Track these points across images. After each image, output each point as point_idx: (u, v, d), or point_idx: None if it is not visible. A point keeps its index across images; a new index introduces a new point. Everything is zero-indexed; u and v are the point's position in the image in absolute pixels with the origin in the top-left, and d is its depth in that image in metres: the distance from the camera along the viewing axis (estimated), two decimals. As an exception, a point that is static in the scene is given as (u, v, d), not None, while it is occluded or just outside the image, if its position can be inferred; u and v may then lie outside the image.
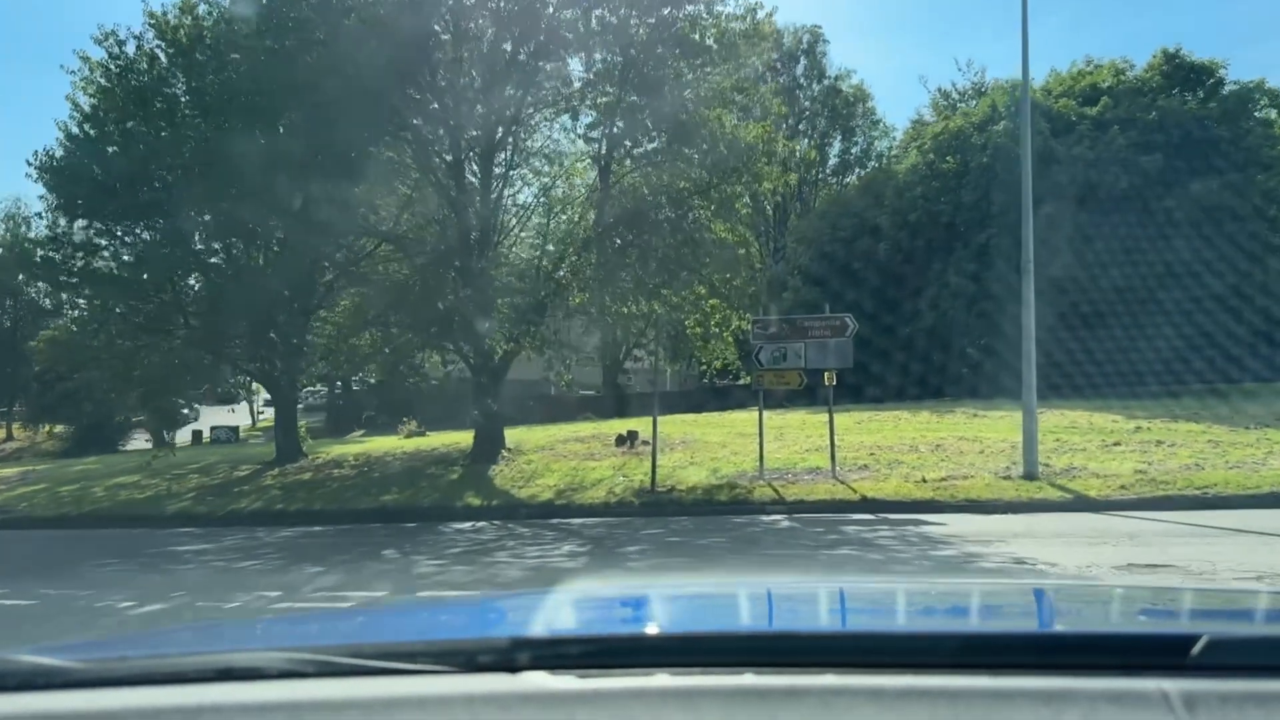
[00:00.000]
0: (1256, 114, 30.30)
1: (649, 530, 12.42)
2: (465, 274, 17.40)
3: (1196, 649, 1.26)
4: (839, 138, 55.03)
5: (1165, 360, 26.66)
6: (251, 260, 21.61)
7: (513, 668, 1.32)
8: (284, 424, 23.61)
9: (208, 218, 20.76)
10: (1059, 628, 1.87)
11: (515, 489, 16.28)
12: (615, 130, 17.44)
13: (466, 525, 13.81)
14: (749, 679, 1.27)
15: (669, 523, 13.14)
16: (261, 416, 56.13)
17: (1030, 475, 14.64)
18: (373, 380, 30.28)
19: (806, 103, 54.02)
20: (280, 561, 10.21)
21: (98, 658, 1.58)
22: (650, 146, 18.23)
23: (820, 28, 54.16)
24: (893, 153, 49.93)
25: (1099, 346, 26.53)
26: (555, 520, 14.01)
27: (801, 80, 54.12)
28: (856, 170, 54.09)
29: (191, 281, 22.51)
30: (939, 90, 53.13)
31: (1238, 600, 2.50)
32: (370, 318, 19.23)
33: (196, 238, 21.80)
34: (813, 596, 2.30)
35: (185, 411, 53.05)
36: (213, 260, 22.35)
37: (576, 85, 17.72)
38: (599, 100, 17.48)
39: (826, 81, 54.44)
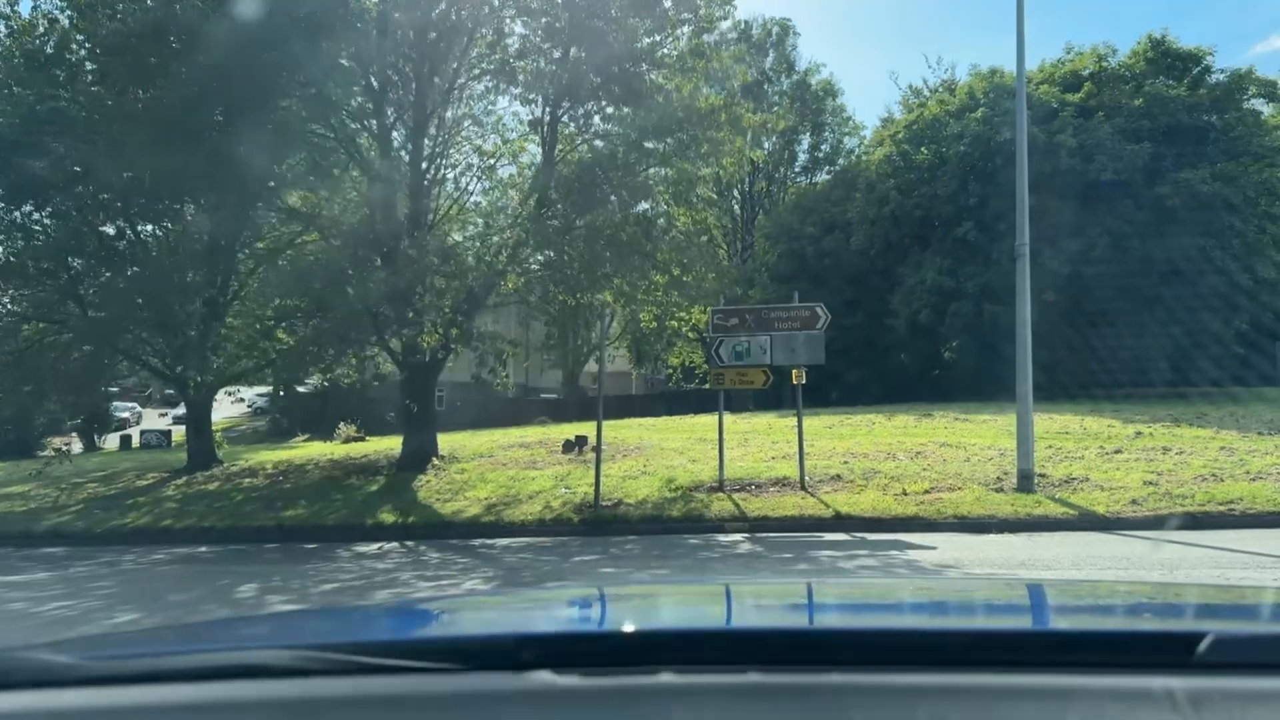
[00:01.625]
0: (1245, 104, 28.84)
1: (584, 555, 10.39)
2: (390, 259, 15.23)
3: (1202, 647, 1.25)
4: (808, 133, 53.28)
5: (1155, 362, 25.13)
6: (153, 241, 19.32)
7: (518, 666, 1.30)
8: (195, 428, 21.31)
9: (106, 196, 18.48)
10: (1064, 626, 1.83)
11: (439, 503, 14.16)
12: (559, 91, 15.32)
13: (371, 548, 11.70)
14: (753, 678, 1.26)
15: (610, 545, 11.13)
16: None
17: (1026, 487, 12.83)
18: (291, 385, 27.71)
19: (775, 97, 52.29)
20: (99, 602, 8.06)
21: (106, 655, 1.56)
22: (597, 114, 16.17)
23: (790, 20, 52.57)
24: (863, 148, 48.31)
25: (1085, 346, 24.88)
26: (478, 541, 11.94)
27: (770, 73, 52.36)
28: (826, 168, 52.43)
29: (91, 265, 20.10)
30: (909, 87, 51.55)
31: (1243, 598, 2.33)
32: (275, 309, 16.96)
33: (99, 216, 19.54)
34: (816, 595, 2.28)
35: (125, 415, 50.28)
36: (119, 244, 20.09)
37: (515, 45, 15.62)
38: (538, 60, 15.38)
39: (795, 75, 52.77)
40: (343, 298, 13.93)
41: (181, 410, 47.29)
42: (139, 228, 19.95)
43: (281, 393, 44.97)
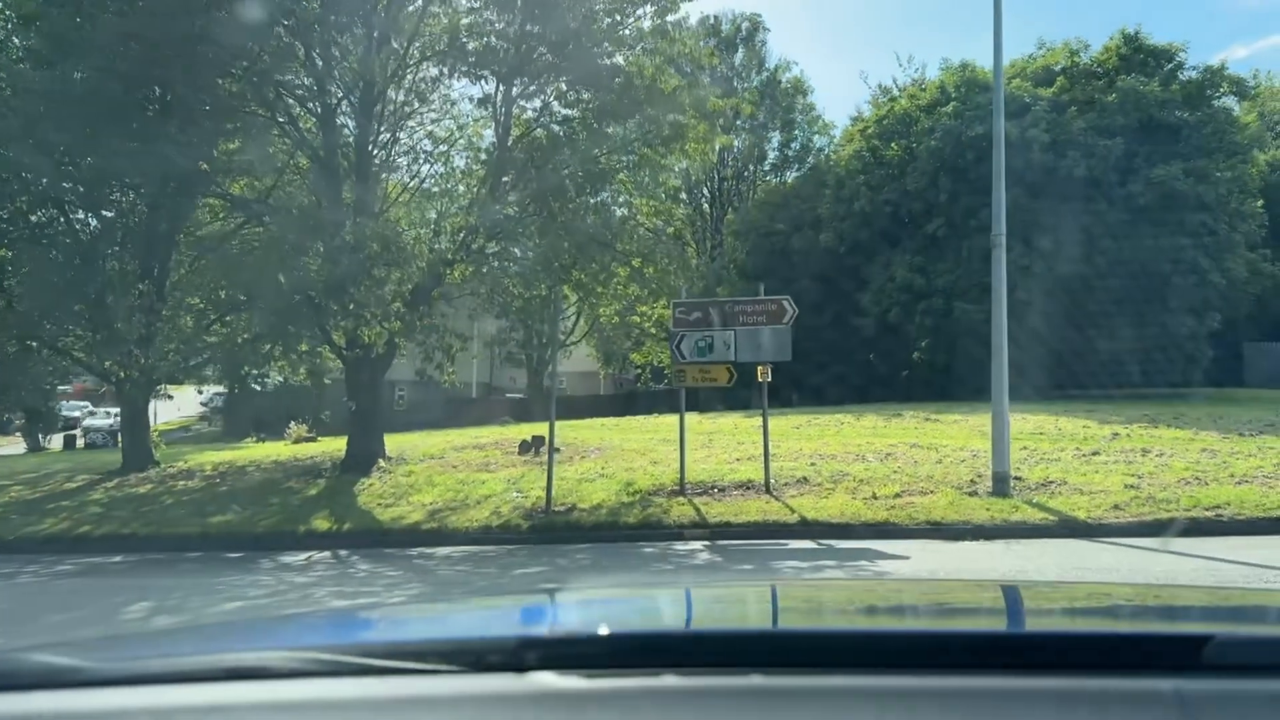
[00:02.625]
0: (1216, 102, 28.55)
1: (528, 568, 9.53)
2: (332, 249, 14.24)
3: (1207, 649, 1.24)
4: (778, 131, 52.66)
5: (1128, 361, 24.70)
6: (84, 229, 18.16)
7: (520, 668, 1.30)
8: (131, 427, 20.15)
9: (29, 177, 17.33)
10: (1068, 628, 1.80)
11: (380, 509, 13.22)
12: (511, 68, 14.40)
13: (299, 558, 10.77)
14: (756, 680, 1.26)
15: (558, 556, 10.28)
16: (164, 419, 50.89)
17: (1002, 491, 12.12)
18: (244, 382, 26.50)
19: (744, 94, 51.61)
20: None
21: (109, 657, 1.57)
22: (556, 98, 15.29)
23: (760, 16, 51.91)
24: (833, 146, 47.79)
25: (1057, 345, 24.33)
26: (416, 551, 11.04)
27: (739, 70, 51.69)
28: (795, 166, 51.85)
29: (17, 253, 18.87)
30: (879, 86, 51.05)
31: (1247, 600, 2.31)
32: (214, 302, 15.93)
33: (24, 201, 18.37)
34: (820, 597, 2.28)
35: (75, 415, 48.47)
36: (48, 231, 18.92)
37: (465, 21, 14.69)
38: (489, 37, 14.46)
39: (765, 73, 52.15)
40: (276, 286, 12.93)
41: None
42: (71, 215, 18.84)
43: (235, 390, 43.64)
